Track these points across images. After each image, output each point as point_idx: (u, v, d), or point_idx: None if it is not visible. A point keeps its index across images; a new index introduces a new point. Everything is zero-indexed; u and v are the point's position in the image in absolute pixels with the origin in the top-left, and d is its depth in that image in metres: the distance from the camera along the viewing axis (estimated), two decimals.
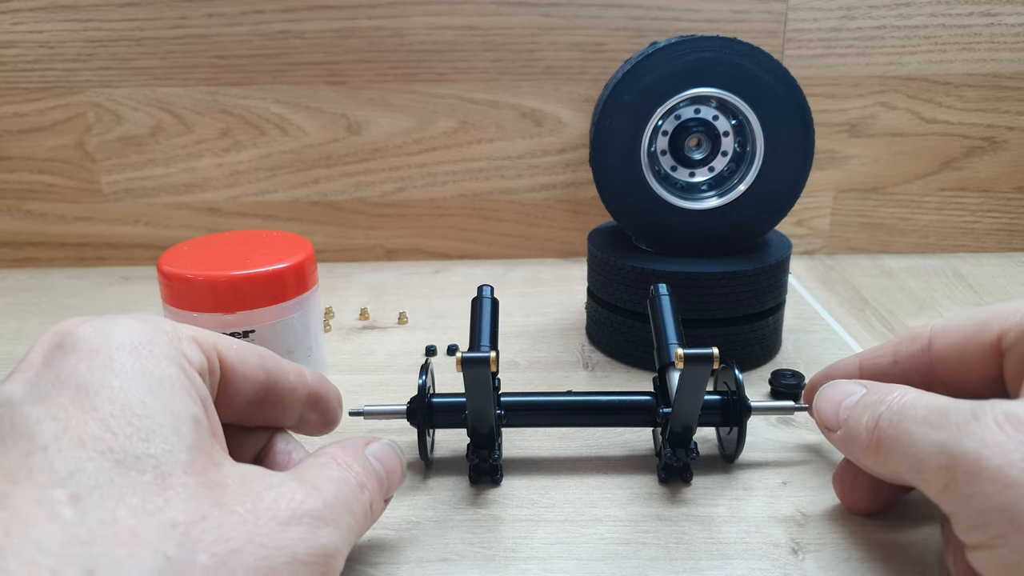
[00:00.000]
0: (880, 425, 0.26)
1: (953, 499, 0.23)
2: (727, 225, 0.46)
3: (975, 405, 0.24)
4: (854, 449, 0.28)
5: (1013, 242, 0.68)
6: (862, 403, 0.28)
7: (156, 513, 0.18)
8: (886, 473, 0.27)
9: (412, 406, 0.36)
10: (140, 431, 0.19)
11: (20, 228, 0.69)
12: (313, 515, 0.22)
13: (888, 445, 0.26)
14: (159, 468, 0.18)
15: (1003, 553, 0.22)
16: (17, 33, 0.63)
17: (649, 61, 0.44)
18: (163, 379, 0.21)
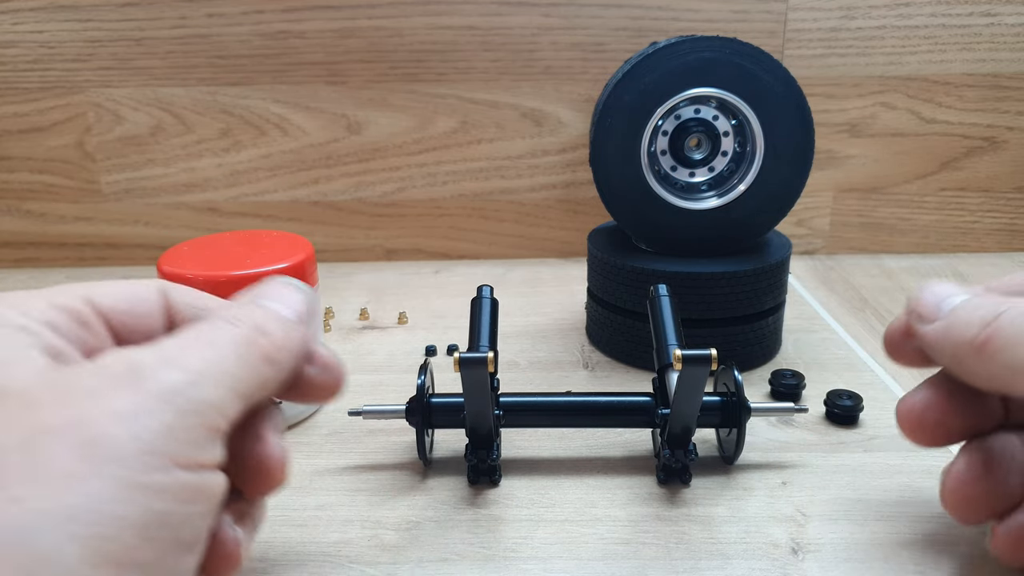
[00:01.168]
0: (999, 322, 0.25)
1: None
2: (727, 225, 0.46)
3: None
4: (955, 341, 0.26)
5: (1013, 242, 0.68)
6: (975, 302, 0.27)
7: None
8: (984, 371, 0.26)
9: (411, 406, 0.36)
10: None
11: (20, 228, 0.69)
12: (136, 367, 0.20)
13: (1001, 342, 0.25)
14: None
15: None
16: (17, 33, 0.63)
17: (649, 61, 0.44)
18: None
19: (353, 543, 0.32)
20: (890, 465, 0.37)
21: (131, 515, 0.18)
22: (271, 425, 0.25)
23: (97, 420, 0.18)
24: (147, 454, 0.18)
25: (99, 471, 0.18)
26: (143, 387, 0.19)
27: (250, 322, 0.23)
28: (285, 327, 0.24)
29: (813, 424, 0.40)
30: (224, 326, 0.23)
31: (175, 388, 0.20)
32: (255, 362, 0.23)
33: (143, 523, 0.18)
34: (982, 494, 0.28)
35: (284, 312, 0.25)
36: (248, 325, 0.23)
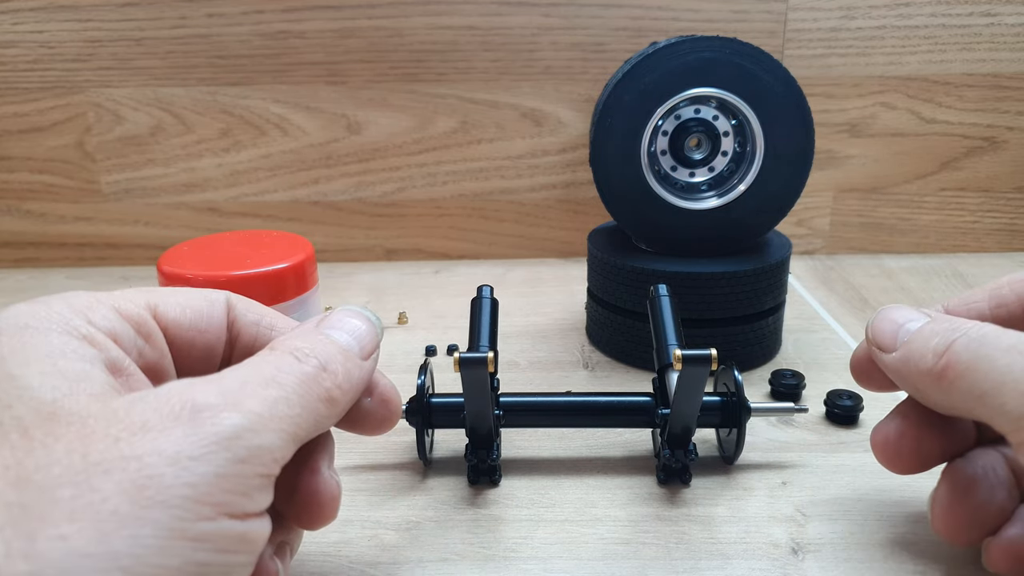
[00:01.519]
0: (954, 349, 0.25)
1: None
2: (727, 225, 0.46)
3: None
4: (913, 372, 0.27)
5: (1013, 242, 0.68)
6: (929, 328, 0.27)
7: (15, 467, 0.18)
8: (945, 400, 0.26)
9: (411, 406, 0.36)
10: (2, 401, 0.19)
11: (20, 228, 0.69)
12: (198, 408, 0.19)
13: (959, 370, 0.25)
14: (23, 425, 0.18)
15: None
16: (17, 33, 0.63)
17: (649, 61, 0.44)
18: (46, 348, 0.21)
19: (353, 543, 0.32)
20: None
21: (172, 564, 0.17)
22: (326, 457, 0.25)
23: (150, 460, 0.18)
24: (196, 502, 0.18)
25: (146, 515, 0.17)
26: (201, 429, 0.19)
27: (315, 358, 0.23)
28: (348, 364, 0.24)
29: (813, 424, 0.40)
30: (289, 362, 0.22)
31: (234, 433, 0.19)
32: (315, 403, 0.22)
33: (183, 573, 0.18)
34: (970, 514, 0.28)
35: (351, 345, 0.24)
36: (313, 362, 0.22)
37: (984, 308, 0.30)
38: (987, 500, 0.28)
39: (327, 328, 0.25)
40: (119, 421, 0.19)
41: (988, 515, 0.28)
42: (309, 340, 0.23)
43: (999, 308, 0.29)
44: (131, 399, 0.20)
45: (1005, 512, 0.28)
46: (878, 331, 0.29)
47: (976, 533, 0.28)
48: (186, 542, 0.18)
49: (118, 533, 0.17)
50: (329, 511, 0.24)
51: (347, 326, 0.25)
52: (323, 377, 0.23)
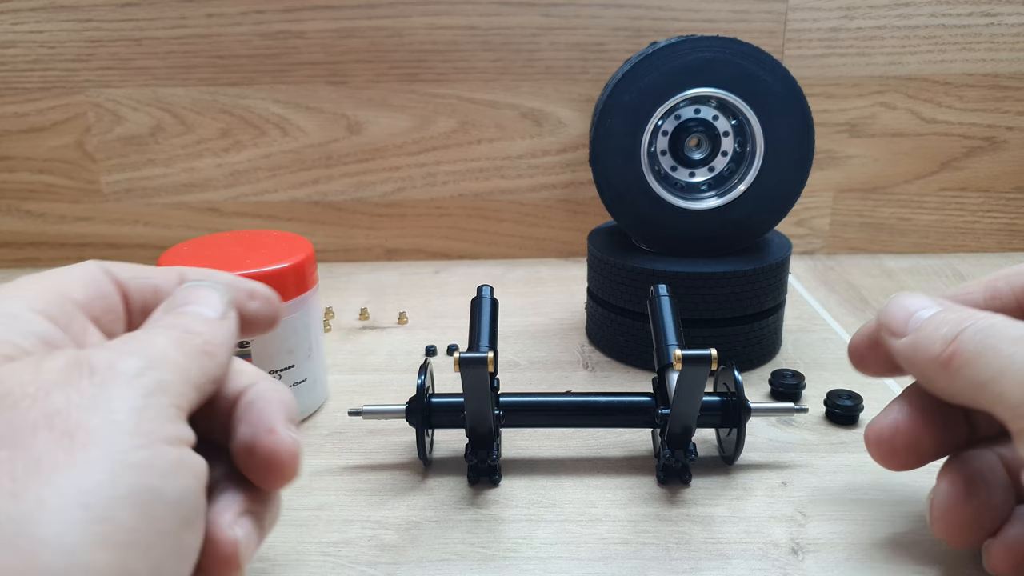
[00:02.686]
0: (961, 338, 0.26)
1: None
2: (727, 225, 0.46)
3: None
4: (921, 358, 0.27)
5: (1013, 242, 0.68)
6: (940, 317, 0.27)
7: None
8: (949, 387, 0.26)
9: (411, 406, 0.36)
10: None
11: (20, 228, 0.69)
12: (96, 364, 0.20)
13: (965, 357, 0.25)
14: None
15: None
16: (17, 33, 0.63)
17: (649, 61, 0.44)
18: None
19: (353, 543, 0.32)
20: None
21: (125, 494, 0.18)
22: (282, 415, 0.25)
23: (71, 412, 0.19)
24: (127, 434, 0.19)
25: (85, 457, 0.18)
26: (107, 378, 0.20)
27: (178, 328, 0.24)
28: (211, 325, 0.25)
29: (813, 424, 0.40)
30: (158, 330, 0.23)
31: (137, 371, 0.20)
32: (194, 354, 0.23)
33: (138, 501, 0.18)
34: (970, 515, 0.28)
35: (207, 312, 0.25)
36: (179, 329, 0.24)
37: (979, 299, 0.30)
38: (986, 501, 0.28)
39: (179, 308, 0.25)
40: (31, 382, 0.20)
41: (987, 516, 0.28)
42: (166, 320, 0.25)
43: (993, 300, 0.30)
44: (34, 361, 0.21)
45: (1003, 513, 0.28)
46: (890, 316, 0.29)
47: (976, 535, 0.28)
48: (131, 470, 0.18)
49: (66, 479, 0.18)
50: (289, 469, 0.25)
51: (196, 298, 0.26)
52: (192, 336, 0.24)
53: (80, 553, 0.17)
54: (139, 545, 0.18)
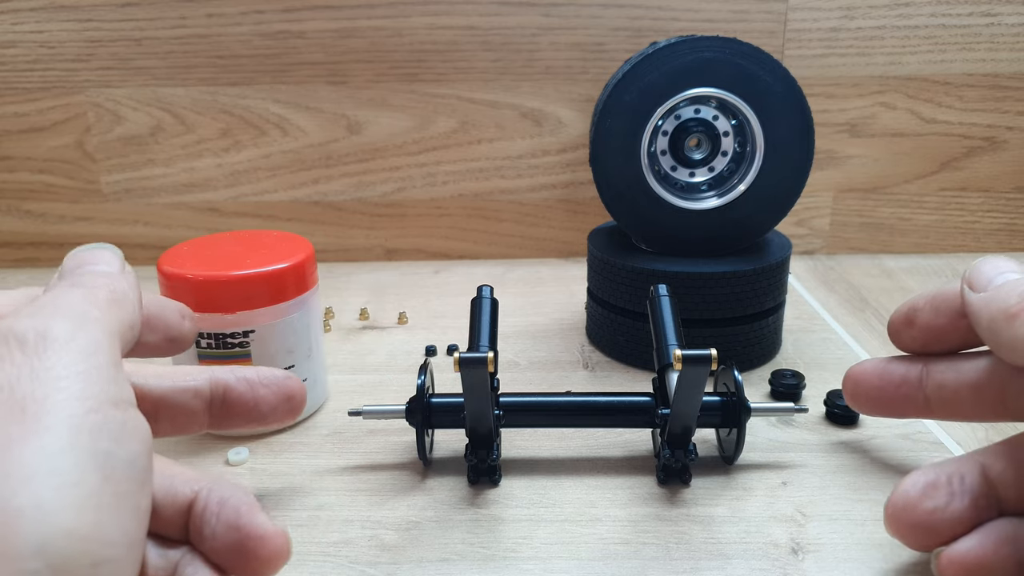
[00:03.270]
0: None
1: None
2: (727, 225, 0.46)
3: None
4: (993, 308, 0.28)
5: (1013, 242, 0.68)
6: (1023, 280, 0.28)
7: None
8: (1012, 338, 0.27)
9: (411, 406, 0.36)
10: None
11: (20, 228, 0.69)
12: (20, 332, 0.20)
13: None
14: None
15: None
16: (17, 33, 0.63)
17: (649, 61, 0.44)
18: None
19: (353, 543, 0.32)
20: (890, 465, 0.36)
21: (86, 458, 0.18)
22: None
23: (12, 386, 0.19)
24: (75, 399, 0.19)
25: (39, 426, 0.18)
26: (38, 346, 0.20)
27: (80, 284, 0.24)
28: (111, 278, 0.25)
29: (813, 424, 0.40)
30: (61, 290, 0.23)
31: (66, 335, 0.20)
32: (105, 305, 0.23)
33: (97, 464, 0.18)
34: (922, 519, 0.28)
35: (104, 268, 0.25)
36: (84, 287, 0.24)
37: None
38: (941, 507, 0.27)
39: (71, 274, 0.25)
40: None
41: (940, 522, 0.28)
42: (68, 280, 0.24)
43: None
44: None
45: (962, 522, 0.27)
46: (978, 271, 0.30)
47: (925, 539, 0.28)
48: (85, 435, 0.19)
49: (25, 450, 0.18)
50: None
51: (84, 260, 0.26)
52: (96, 289, 0.24)
53: (57, 518, 0.17)
54: (106, 507, 0.18)
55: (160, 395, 0.30)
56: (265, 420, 0.32)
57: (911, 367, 0.33)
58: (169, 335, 0.30)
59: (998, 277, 0.29)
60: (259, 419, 0.32)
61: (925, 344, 0.33)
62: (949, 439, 0.39)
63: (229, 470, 0.37)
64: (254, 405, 0.32)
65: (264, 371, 0.32)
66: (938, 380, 0.32)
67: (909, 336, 0.33)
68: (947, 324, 0.32)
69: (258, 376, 0.32)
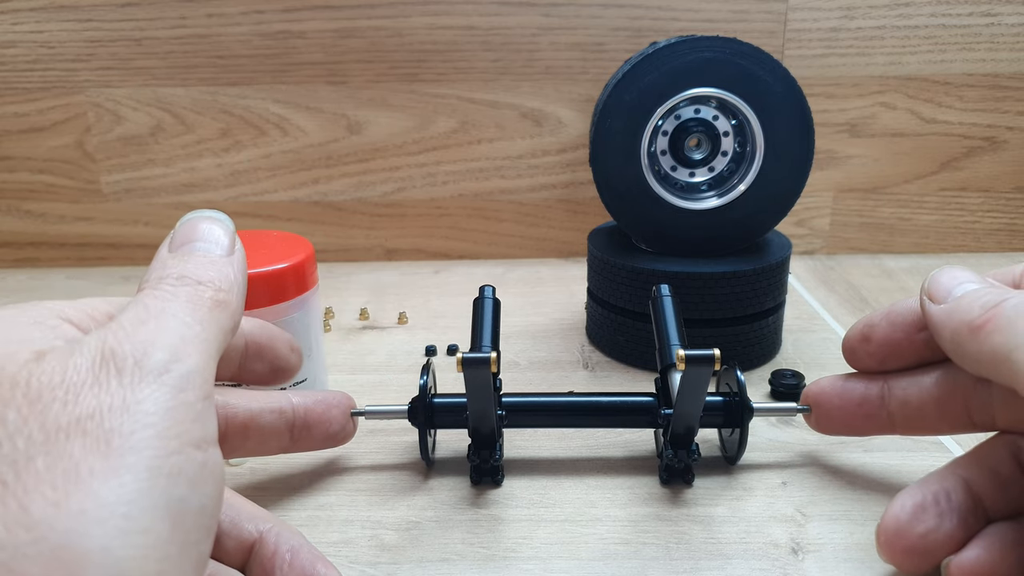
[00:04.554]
0: (1001, 307, 0.26)
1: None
2: (727, 225, 0.46)
3: None
4: (956, 321, 0.28)
5: (1013, 242, 0.68)
6: (984, 290, 0.28)
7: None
8: (976, 352, 0.27)
9: (414, 407, 0.36)
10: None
11: (20, 228, 0.69)
12: (120, 356, 0.20)
13: (997, 324, 0.26)
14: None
15: None
16: (17, 33, 0.63)
17: (649, 61, 0.44)
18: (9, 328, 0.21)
19: (353, 543, 0.32)
20: (890, 465, 0.37)
21: (161, 503, 0.18)
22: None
23: (104, 415, 0.18)
24: (160, 438, 0.19)
25: (121, 464, 0.18)
26: (133, 375, 0.19)
27: (187, 278, 0.23)
28: (219, 267, 0.24)
29: None
30: (168, 292, 0.23)
31: (163, 367, 0.20)
32: (209, 314, 0.22)
33: (170, 511, 0.18)
34: (915, 542, 0.28)
35: (210, 250, 0.25)
36: (188, 282, 0.23)
37: (1019, 279, 0.31)
38: (933, 530, 0.28)
39: (178, 247, 0.25)
40: (60, 384, 0.19)
41: (934, 544, 0.28)
42: (171, 266, 0.24)
43: None
44: (59, 357, 0.20)
45: (956, 540, 0.28)
46: (937, 283, 0.30)
47: (920, 562, 0.28)
48: (163, 479, 0.18)
49: (103, 488, 0.17)
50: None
51: (196, 234, 0.25)
52: (202, 290, 0.23)
53: (125, 565, 0.17)
54: (172, 557, 0.18)
55: (251, 416, 0.31)
56: (335, 439, 0.35)
57: (870, 384, 0.33)
58: (276, 366, 0.31)
59: (957, 288, 0.29)
60: (331, 439, 0.35)
61: (883, 360, 0.33)
62: (948, 438, 0.39)
63: (230, 470, 0.37)
64: (328, 425, 0.34)
65: (328, 393, 0.35)
66: (901, 396, 0.32)
67: (866, 352, 0.33)
68: (904, 338, 0.32)
69: (326, 397, 0.34)
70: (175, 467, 0.19)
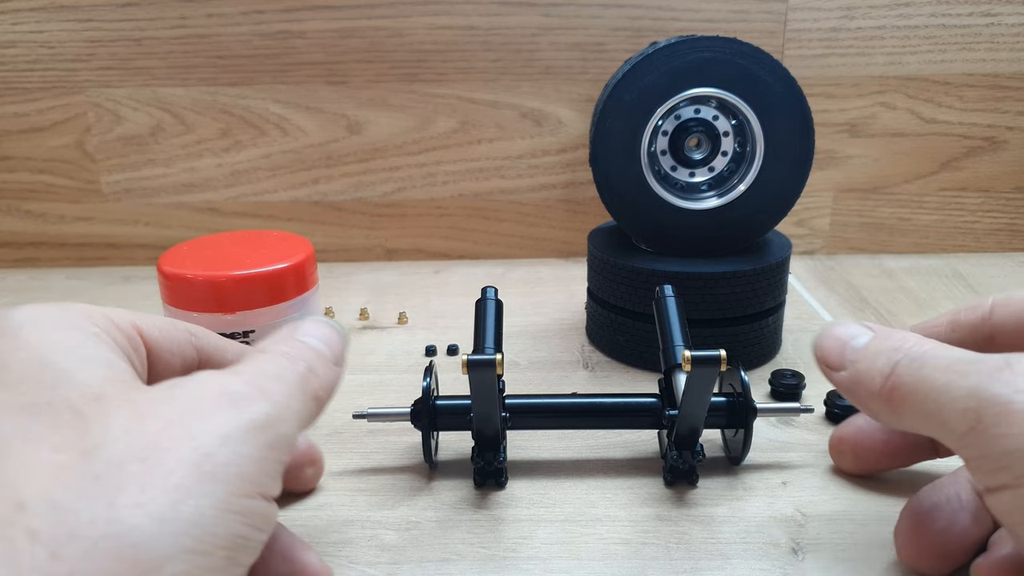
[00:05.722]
0: (897, 371, 0.25)
1: (978, 441, 0.23)
2: (727, 225, 0.46)
3: (1006, 356, 0.24)
4: (863, 393, 0.27)
5: (1013, 242, 0.68)
6: (874, 347, 0.27)
7: (77, 443, 0.19)
8: (896, 421, 0.26)
9: (417, 409, 0.36)
10: (45, 383, 0.21)
11: (20, 228, 0.69)
12: (236, 394, 0.22)
13: (905, 391, 0.25)
14: (74, 406, 0.20)
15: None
16: (17, 33, 0.63)
17: (649, 61, 0.44)
18: (69, 338, 0.22)
19: (353, 543, 0.32)
20: None
21: (223, 535, 0.19)
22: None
23: (204, 440, 0.20)
24: (242, 480, 0.20)
25: (205, 489, 0.19)
26: (241, 416, 0.21)
27: (303, 361, 0.25)
28: (326, 368, 0.26)
29: (813, 424, 0.40)
30: (286, 362, 0.24)
31: (267, 421, 0.22)
32: (308, 400, 0.24)
33: (228, 545, 0.20)
34: (931, 543, 0.28)
35: (325, 352, 0.26)
36: (304, 364, 0.25)
37: (942, 332, 0.31)
38: (947, 527, 0.28)
39: (302, 336, 0.27)
40: (166, 405, 0.21)
41: (950, 543, 0.28)
42: (292, 345, 0.26)
43: (953, 332, 0.31)
44: (168, 385, 0.22)
45: (971, 538, 0.28)
46: (825, 351, 0.29)
47: (940, 562, 0.28)
48: (233, 515, 0.20)
49: (184, 503, 0.19)
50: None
51: (319, 333, 0.27)
52: (311, 378, 0.25)
53: None
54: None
55: None
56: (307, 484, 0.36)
57: None
58: None
59: (848, 349, 0.28)
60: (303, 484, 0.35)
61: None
62: None
63: None
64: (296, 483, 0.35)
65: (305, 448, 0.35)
66: None
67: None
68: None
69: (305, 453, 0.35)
70: (247, 509, 0.20)
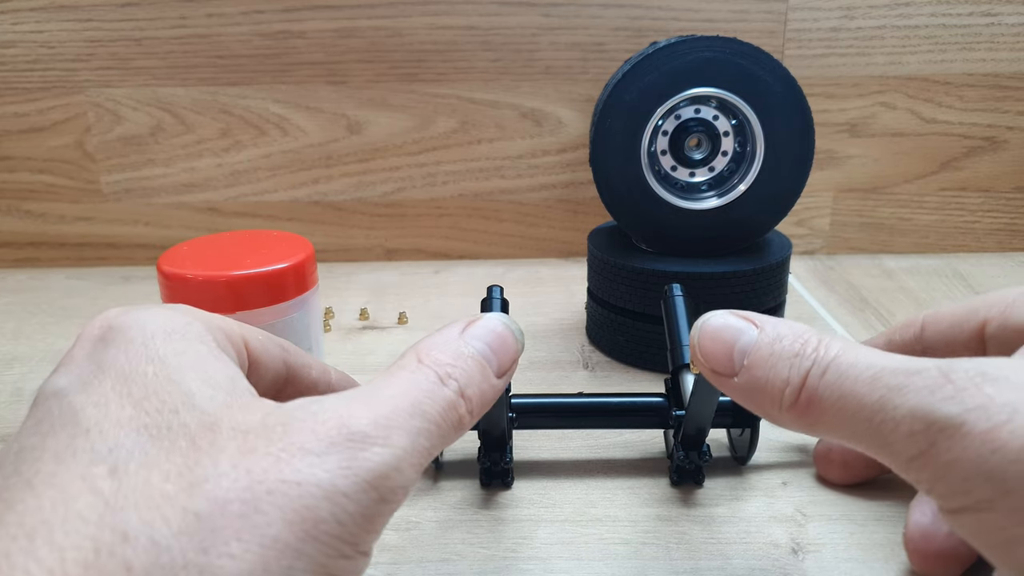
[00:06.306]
0: (810, 384, 0.22)
1: (930, 466, 0.21)
2: (727, 225, 0.46)
3: (938, 364, 0.21)
4: (764, 403, 0.24)
5: (1013, 242, 0.68)
6: (767, 348, 0.24)
7: (186, 473, 0.18)
8: (809, 432, 0.24)
9: None
10: (169, 404, 0.20)
11: (20, 228, 0.69)
12: (353, 438, 0.20)
13: (825, 407, 0.22)
14: (190, 433, 0.19)
15: (989, 517, 0.20)
16: (17, 33, 0.63)
17: (649, 61, 0.44)
18: (194, 354, 0.22)
19: None
20: None
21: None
22: None
23: (310, 490, 0.18)
24: (342, 540, 0.19)
25: (301, 548, 0.18)
26: (355, 463, 0.19)
27: (456, 381, 0.23)
28: (484, 384, 0.24)
29: None
30: (433, 385, 0.22)
31: (383, 472, 0.20)
32: (448, 431, 0.22)
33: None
34: (944, 544, 0.28)
35: (490, 361, 0.24)
36: (454, 386, 0.23)
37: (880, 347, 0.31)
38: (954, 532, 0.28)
39: (471, 337, 0.24)
40: (279, 439, 0.19)
41: (960, 546, 0.28)
42: (452, 354, 0.23)
43: (889, 347, 0.31)
44: (286, 414, 0.20)
45: None
46: (709, 354, 0.25)
47: (957, 563, 0.28)
48: (328, 564, 0.19)
49: (278, 562, 0.18)
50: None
51: (490, 337, 0.25)
52: (459, 403, 0.23)
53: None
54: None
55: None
56: None
57: None
58: None
59: (736, 350, 0.24)
60: None
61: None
62: None
63: None
64: None
65: None
66: None
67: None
68: None
69: None
70: (339, 568, 0.19)
